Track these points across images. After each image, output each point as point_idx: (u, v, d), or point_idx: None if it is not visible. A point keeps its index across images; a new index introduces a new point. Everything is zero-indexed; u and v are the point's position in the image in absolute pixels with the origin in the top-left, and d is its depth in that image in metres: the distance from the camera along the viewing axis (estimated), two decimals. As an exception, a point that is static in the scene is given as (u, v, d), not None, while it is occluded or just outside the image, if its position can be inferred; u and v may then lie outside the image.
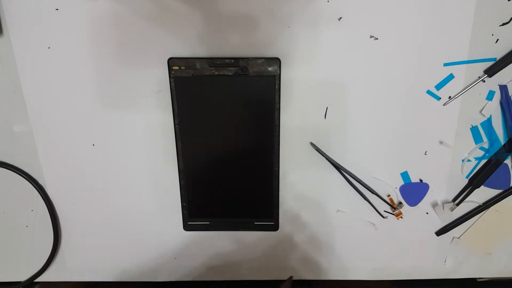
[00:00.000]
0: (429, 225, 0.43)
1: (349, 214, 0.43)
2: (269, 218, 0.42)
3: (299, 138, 0.40)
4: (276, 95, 0.37)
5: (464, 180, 0.41)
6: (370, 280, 0.46)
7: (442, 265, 0.45)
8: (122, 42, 0.36)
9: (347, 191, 0.41)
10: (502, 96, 0.38)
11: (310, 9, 0.35)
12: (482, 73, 0.37)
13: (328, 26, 0.36)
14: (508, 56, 0.36)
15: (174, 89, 0.36)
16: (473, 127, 0.39)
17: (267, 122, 0.38)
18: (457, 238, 0.44)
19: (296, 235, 0.44)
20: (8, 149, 0.40)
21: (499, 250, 0.45)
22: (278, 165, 0.39)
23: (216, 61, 0.36)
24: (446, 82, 0.37)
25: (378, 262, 0.45)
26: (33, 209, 0.43)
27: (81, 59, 0.36)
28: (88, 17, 0.35)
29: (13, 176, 0.41)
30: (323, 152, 0.40)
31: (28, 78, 0.37)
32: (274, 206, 0.41)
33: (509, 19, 0.36)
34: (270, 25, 0.36)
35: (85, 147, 0.40)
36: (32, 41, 0.36)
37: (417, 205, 0.42)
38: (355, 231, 0.43)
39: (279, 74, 0.36)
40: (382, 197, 0.41)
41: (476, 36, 0.36)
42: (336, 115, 0.39)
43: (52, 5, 0.35)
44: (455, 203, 0.42)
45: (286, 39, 0.36)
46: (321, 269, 0.46)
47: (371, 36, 0.36)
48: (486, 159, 0.40)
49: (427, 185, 0.41)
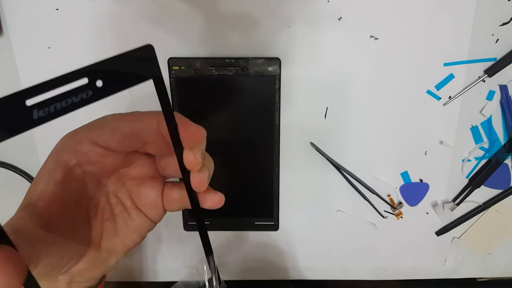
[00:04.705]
0: (429, 225, 0.43)
1: (349, 214, 0.43)
2: (269, 218, 0.42)
3: (299, 138, 0.40)
4: (276, 95, 0.37)
5: (464, 180, 0.41)
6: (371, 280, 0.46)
7: (442, 265, 0.45)
8: (122, 42, 0.36)
9: (347, 191, 0.41)
10: (502, 96, 0.38)
11: (310, 9, 0.35)
12: (482, 73, 0.37)
13: (328, 26, 0.36)
14: (508, 56, 0.36)
15: (174, 89, 0.36)
16: (473, 127, 0.39)
17: (267, 122, 0.38)
18: (457, 238, 0.44)
19: (296, 235, 0.44)
20: (8, 149, 0.40)
21: (499, 250, 0.45)
22: (278, 165, 0.39)
23: (216, 61, 0.36)
24: (446, 82, 0.37)
25: (378, 262, 0.45)
26: (33, 209, 0.43)
27: (81, 59, 0.36)
28: (88, 17, 0.35)
29: (13, 176, 0.41)
30: (323, 152, 0.40)
31: (28, 78, 0.37)
32: (274, 206, 0.41)
33: (509, 19, 0.36)
34: (270, 25, 0.36)
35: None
36: (32, 41, 0.36)
37: (417, 205, 0.42)
38: (355, 231, 0.43)
39: (279, 74, 0.36)
40: (382, 197, 0.41)
41: (476, 36, 0.36)
42: (336, 115, 0.39)
43: (52, 5, 0.35)
44: (455, 203, 0.42)
45: (286, 39, 0.36)
46: (321, 269, 0.46)
47: (371, 36, 0.36)
48: (486, 159, 0.40)
49: (427, 185, 0.41)
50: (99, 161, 0.23)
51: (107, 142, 0.22)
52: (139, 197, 0.25)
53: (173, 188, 0.26)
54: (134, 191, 0.25)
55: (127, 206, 0.25)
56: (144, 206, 0.26)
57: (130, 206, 0.26)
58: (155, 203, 0.26)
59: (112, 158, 0.23)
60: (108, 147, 0.23)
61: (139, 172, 0.25)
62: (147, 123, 0.22)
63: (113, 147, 0.23)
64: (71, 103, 0.17)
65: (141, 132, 0.22)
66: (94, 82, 0.17)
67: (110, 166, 0.24)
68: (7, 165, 0.41)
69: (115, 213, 0.25)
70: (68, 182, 0.22)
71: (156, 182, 0.26)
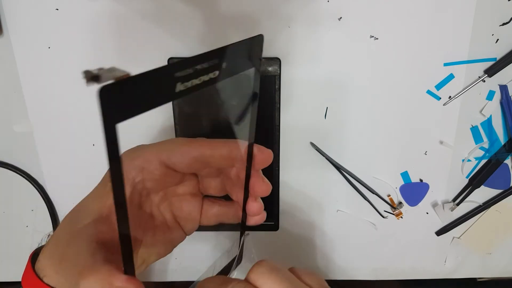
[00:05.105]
0: (429, 225, 0.43)
1: (349, 214, 0.43)
2: (269, 218, 0.41)
3: (299, 138, 0.40)
4: (276, 95, 0.37)
5: (464, 180, 0.41)
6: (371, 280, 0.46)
7: (442, 265, 0.45)
8: (122, 42, 0.36)
9: (347, 191, 0.41)
10: (502, 96, 0.38)
11: (310, 9, 0.35)
12: (482, 73, 0.37)
13: (328, 26, 0.36)
14: (508, 56, 0.36)
15: (174, 89, 0.36)
16: (473, 127, 0.39)
17: (267, 122, 0.38)
18: (457, 238, 0.44)
19: (296, 235, 0.44)
20: (8, 149, 0.40)
21: (499, 250, 0.45)
22: (278, 165, 0.39)
23: (216, 61, 0.36)
24: (446, 82, 0.37)
25: (378, 262, 0.45)
26: (33, 209, 0.43)
27: (81, 59, 0.36)
28: (88, 17, 0.35)
29: (13, 176, 0.41)
30: (323, 152, 0.40)
31: (28, 78, 0.37)
32: (274, 206, 0.41)
33: (509, 19, 0.36)
34: (270, 25, 0.36)
35: (85, 147, 0.40)
36: (32, 41, 0.36)
37: (417, 205, 0.42)
38: (355, 231, 0.43)
39: (279, 74, 0.36)
40: (382, 197, 0.41)
41: (476, 36, 0.36)
42: (336, 115, 0.39)
43: (52, 5, 0.35)
44: (455, 203, 0.42)
45: (286, 39, 0.36)
46: (321, 269, 0.46)
47: (371, 36, 0.36)
48: (486, 159, 0.40)
49: (427, 185, 0.41)
50: (161, 179, 0.25)
51: (176, 164, 0.24)
52: (180, 211, 0.28)
53: (213, 205, 0.29)
54: (177, 206, 0.27)
55: (167, 218, 0.27)
56: (183, 219, 0.28)
57: (170, 219, 0.27)
58: (194, 217, 0.28)
59: (172, 177, 0.26)
60: (175, 168, 0.25)
61: (184, 189, 0.27)
62: (219, 150, 0.24)
63: (179, 169, 0.25)
64: (203, 81, 0.18)
65: (210, 158, 0.24)
66: (221, 64, 0.18)
67: (167, 184, 0.26)
68: (7, 165, 0.41)
69: (155, 224, 0.27)
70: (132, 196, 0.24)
71: (196, 199, 0.28)
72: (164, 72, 0.16)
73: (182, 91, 0.17)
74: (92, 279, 0.19)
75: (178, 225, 0.28)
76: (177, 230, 0.28)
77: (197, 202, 0.28)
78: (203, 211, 0.28)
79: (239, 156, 0.24)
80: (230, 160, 0.25)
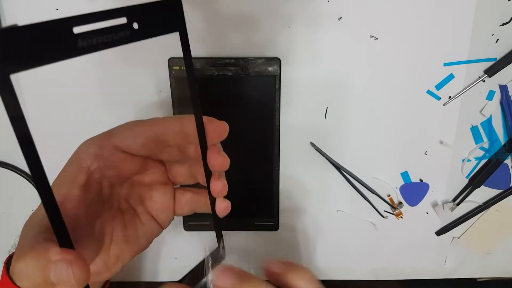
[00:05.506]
0: (429, 225, 0.43)
1: (349, 214, 0.43)
2: (269, 218, 0.42)
3: (299, 138, 0.40)
4: (276, 95, 0.37)
5: (464, 180, 0.41)
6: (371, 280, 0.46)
7: (442, 265, 0.45)
8: (122, 42, 0.36)
9: (347, 191, 0.41)
10: (502, 96, 0.38)
11: (310, 9, 0.35)
12: (482, 73, 0.37)
13: (328, 26, 0.36)
14: (508, 56, 0.36)
15: (174, 89, 0.36)
16: (473, 127, 0.39)
17: (267, 122, 0.38)
18: (457, 238, 0.44)
19: (296, 235, 0.44)
20: (8, 149, 0.40)
21: (499, 250, 0.45)
22: (278, 165, 0.39)
23: (216, 61, 0.36)
24: (446, 82, 0.37)
25: (378, 262, 0.45)
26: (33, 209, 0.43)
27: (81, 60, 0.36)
28: (88, 17, 0.35)
29: (13, 176, 0.41)
30: (323, 152, 0.40)
31: (28, 78, 0.37)
32: (274, 206, 0.41)
33: (509, 19, 0.36)
34: (270, 25, 0.36)
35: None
36: (32, 41, 0.36)
37: (417, 205, 0.42)
38: (355, 231, 0.43)
39: (279, 74, 0.36)
40: (382, 197, 0.41)
41: (476, 36, 0.36)
42: (336, 115, 0.39)
43: (52, 5, 0.35)
44: (455, 203, 0.42)
45: (286, 39, 0.36)
46: (321, 269, 0.46)
47: (371, 36, 0.36)
48: (486, 159, 0.40)
49: (427, 185, 0.41)
50: (118, 166, 0.24)
51: (130, 146, 0.23)
52: (151, 202, 0.27)
53: (185, 193, 0.27)
54: (147, 196, 0.27)
55: (139, 211, 0.26)
56: (156, 210, 0.27)
57: (141, 211, 0.27)
58: (167, 207, 0.27)
59: (131, 163, 0.24)
60: (130, 151, 0.24)
61: (151, 178, 0.26)
62: (172, 127, 0.24)
63: (135, 151, 0.24)
64: (111, 40, 0.18)
65: (164, 136, 0.23)
66: (132, 24, 0.18)
67: (127, 171, 0.25)
68: (7, 165, 0.41)
69: (125, 218, 0.26)
70: (89, 186, 0.23)
71: (167, 187, 0.27)
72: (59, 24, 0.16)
73: (85, 47, 0.17)
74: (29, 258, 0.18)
75: (151, 218, 0.27)
76: (151, 222, 0.27)
77: (168, 190, 0.27)
78: (176, 200, 0.27)
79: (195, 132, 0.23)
80: (184, 136, 0.24)
